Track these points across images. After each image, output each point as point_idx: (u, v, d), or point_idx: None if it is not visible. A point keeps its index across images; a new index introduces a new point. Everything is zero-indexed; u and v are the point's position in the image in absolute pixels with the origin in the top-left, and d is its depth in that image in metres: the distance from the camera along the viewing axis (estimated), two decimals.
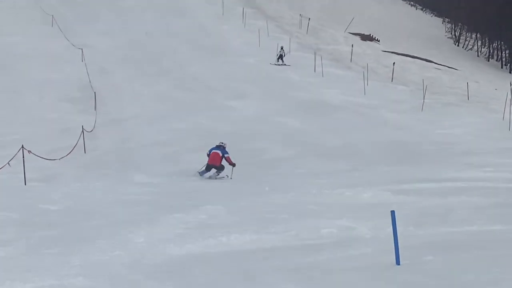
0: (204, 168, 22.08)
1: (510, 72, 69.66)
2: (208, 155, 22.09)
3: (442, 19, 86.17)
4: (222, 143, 22.58)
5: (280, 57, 48.21)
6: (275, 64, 47.57)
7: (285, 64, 47.63)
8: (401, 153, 25.87)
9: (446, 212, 14.60)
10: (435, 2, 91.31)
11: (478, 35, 78.53)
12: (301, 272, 10.55)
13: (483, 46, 77.97)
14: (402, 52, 61.16)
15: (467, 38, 79.23)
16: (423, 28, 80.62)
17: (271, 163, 24.33)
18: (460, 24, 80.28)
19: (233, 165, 21.84)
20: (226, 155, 21.98)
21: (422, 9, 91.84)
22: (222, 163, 22.05)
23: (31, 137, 28.44)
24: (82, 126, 27.98)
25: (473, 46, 77.90)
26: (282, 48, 48.80)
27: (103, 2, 62.54)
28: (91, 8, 60.16)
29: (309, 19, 63.79)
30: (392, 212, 10.24)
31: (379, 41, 66.57)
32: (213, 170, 22.06)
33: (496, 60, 75.08)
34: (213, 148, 22.27)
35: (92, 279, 10.49)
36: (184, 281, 10.44)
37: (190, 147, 27.42)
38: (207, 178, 21.94)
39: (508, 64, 72.44)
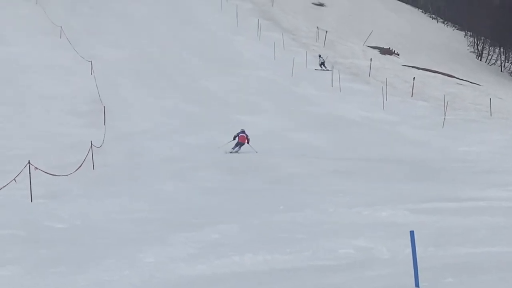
0: (235, 146, 30.18)
1: None
2: (236, 137, 30.38)
3: (464, 33, 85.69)
4: (243, 129, 30.79)
5: (322, 63, 51.85)
6: (320, 70, 51.20)
7: (328, 70, 50.39)
8: (420, 171, 25.42)
9: (467, 233, 14.19)
10: (457, 15, 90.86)
11: (502, 49, 77.94)
12: None
13: (506, 61, 77.40)
14: (423, 67, 60.82)
15: (490, 53, 78.72)
16: (444, 41, 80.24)
17: (286, 180, 23.94)
18: (482, 38, 79.72)
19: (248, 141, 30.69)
20: (248, 137, 30.40)
21: (443, 22, 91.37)
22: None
23: (37, 152, 28.25)
24: (91, 141, 27.63)
25: (496, 61, 77.37)
26: (320, 56, 52.78)
27: (112, 13, 62.66)
28: (101, 19, 60.25)
29: (326, 32, 63.53)
30: (411, 232, 9.87)
31: (398, 55, 66.23)
32: (238, 148, 30.23)
33: None
34: (240, 133, 30.54)
35: None
36: None
37: (201, 163, 27.14)
38: (234, 152, 29.96)
39: None
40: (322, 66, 51.90)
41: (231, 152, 29.91)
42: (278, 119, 35.86)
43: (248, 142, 30.22)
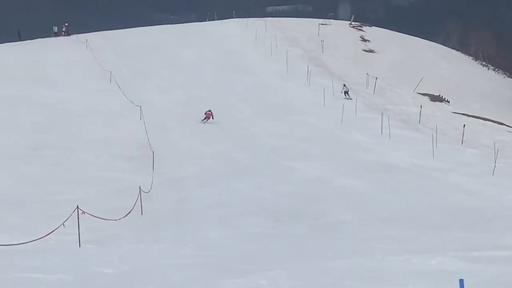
0: (204, 119, 45.37)
1: None
2: (205, 113, 45.44)
3: None
4: (209, 109, 45.64)
5: (346, 92, 54.83)
6: (344, 98, 54.23)
7: (350, 98, 53.97)
8: (470, 219, 25.05)
9: None
10: (508, 62, 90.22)
11: None
12: None
13: None
14: (473, 114, 60.29)
15: None
16: (495, 89, 79.59)
17: (334, 226, 23.77)
18: None
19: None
20: (212, 114, 45.52)
21: (494, 70, 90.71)
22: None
23: (86, 197, 28.52)
24: (140, 186, 27.78)
25: None
26: (344, 85, 56.05)
27: (161, 58, 63.77)
28: (150, 64, 61.32)
29: (376, 78, 63.51)
30: (461, 281, 9.79)
31: (449, 102, 65.83)
32: (206, 120, 45.27)
33: None
34: (207, 111, 45.50)
35: None
36: None
37: (248, 209, 27.11)
38: (205, 122, 45.26)
39: None
40: (346, 94, 55.23)
41: (202, 121, 45.03)
42: (326, 166, 35.73)
43: (212, 117, 45.12)
